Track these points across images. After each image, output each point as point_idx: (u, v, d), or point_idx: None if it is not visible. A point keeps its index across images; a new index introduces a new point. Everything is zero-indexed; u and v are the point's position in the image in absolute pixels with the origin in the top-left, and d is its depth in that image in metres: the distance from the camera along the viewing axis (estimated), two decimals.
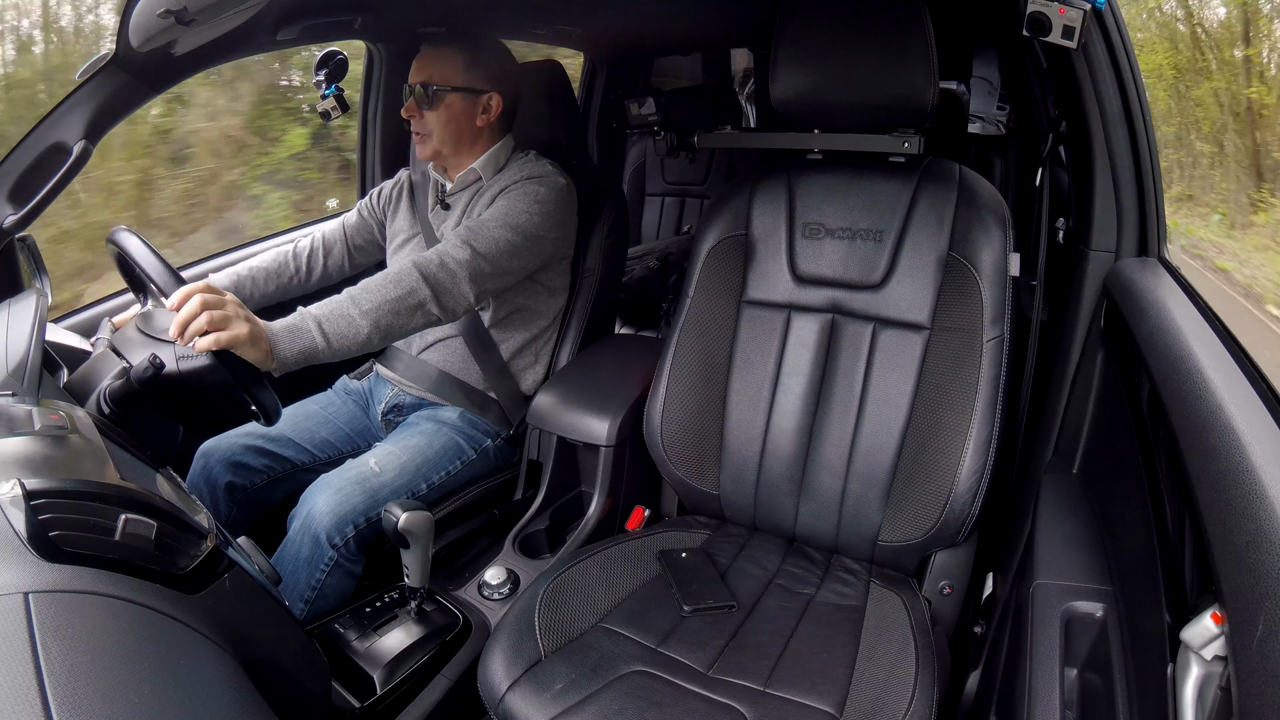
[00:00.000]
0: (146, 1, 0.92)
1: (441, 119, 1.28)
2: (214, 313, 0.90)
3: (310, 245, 1.41)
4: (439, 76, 1.27)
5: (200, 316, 0.89)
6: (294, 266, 1.39)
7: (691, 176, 2.77)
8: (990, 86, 2.31)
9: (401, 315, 1.07)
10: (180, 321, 0.89)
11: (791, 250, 1.20)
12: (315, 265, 1.41)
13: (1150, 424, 0.81)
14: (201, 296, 0.90)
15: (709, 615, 1.02)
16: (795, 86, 1.13)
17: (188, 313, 0.89)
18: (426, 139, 1.30)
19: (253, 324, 0.94)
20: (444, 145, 1.31)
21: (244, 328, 0.92)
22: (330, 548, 1.10)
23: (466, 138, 1.31)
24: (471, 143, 1.33)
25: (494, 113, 1.31)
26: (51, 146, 1.05)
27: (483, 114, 1.30)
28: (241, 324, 0.92)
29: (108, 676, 0.46)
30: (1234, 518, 0.52)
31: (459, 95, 1.28)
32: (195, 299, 0.90)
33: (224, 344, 0.90)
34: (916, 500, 1.09)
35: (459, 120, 1.29)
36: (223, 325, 0.90)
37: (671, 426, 1.22)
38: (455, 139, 1.31)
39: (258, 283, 1.35)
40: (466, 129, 1.30)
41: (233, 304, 0.93)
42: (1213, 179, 3.48)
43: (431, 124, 1.29)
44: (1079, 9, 0.89)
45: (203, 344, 0.89)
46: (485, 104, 1.30)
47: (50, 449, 0.66)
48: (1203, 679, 0.56)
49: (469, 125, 1.30)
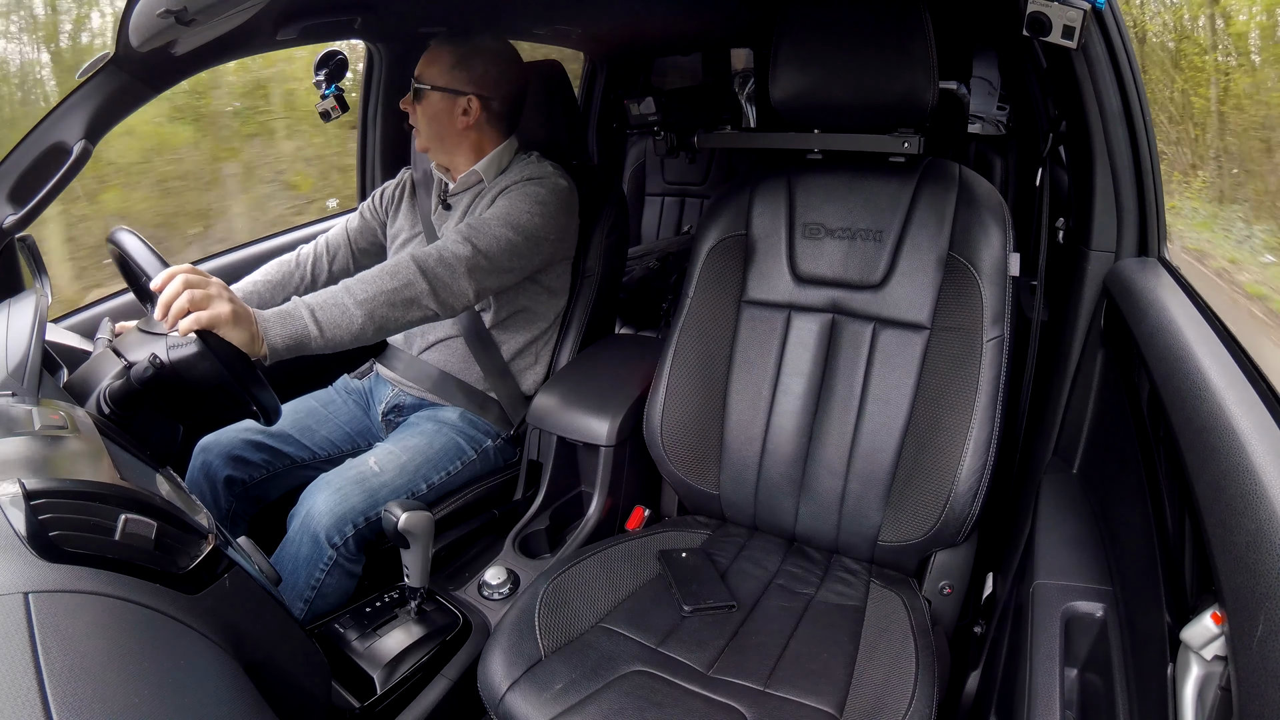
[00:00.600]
0: (146, 1, 0.92)
1: (426, 115, 1.30)
2: (195, 292, 0.89)
3: (314, 251, 1.41)
4: (426, 74, 1.29)
5: (182, 296, 0.88)
6: (299, 275, 1.39)
7: (691, 176, 2.77)
8: (990, 86, 2.31)
9: (397, 308, 1.07)
10: (163, 302, 0.89)
11: (791, 250, 1.20)
12: (320, 271, 1.41)
13: (1150, 424, 0.81)
14: (184, 277, 0.90)
15: (709, 615, 1.02)
16: (795, 86, 1.13)
17: (170, 293, 0.89)
18: (418, 133, 1.34)
19: (235, 304, 0.93)
20: (430, 141, 1.33)
21: (226, 307, 0.91)
22: (330, 547, 1.10)
23: (450, 137, 1.32)
24: (456, 142, 1.33)
25: (474, 115, 1.30)
26: (51, 146, 1.05)
27: (462, 115, 1.30)
28: (223, 304, 0.91)
29: (108, 676, 0.46)
30: (1234, 517, 0.52)
31: (439, 94, 1.28)
32: (178, 279, 0.89)
33: (205, 323, 0.89)
34: (916, 500, 1.09)
35: (440, 119, 1.30)
36: (204, 304, 0.89)
37: (671, 426, 1.22)
38: (439, 136, 1.32)
39: (264, 297, 1.35)
40: (448, 128, 1.31)
41: (216, 285, 0.93)
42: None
43: (418, 119, 1.32)
44: (1079, 9, 0.89)
45: (184, 324, 0.88)
46: (465, 106, 1.29)
47: (50, 449, 0.66)
48: (1203, 679, 0.56)
49: (449, 125, 1.31)
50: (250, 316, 0.95)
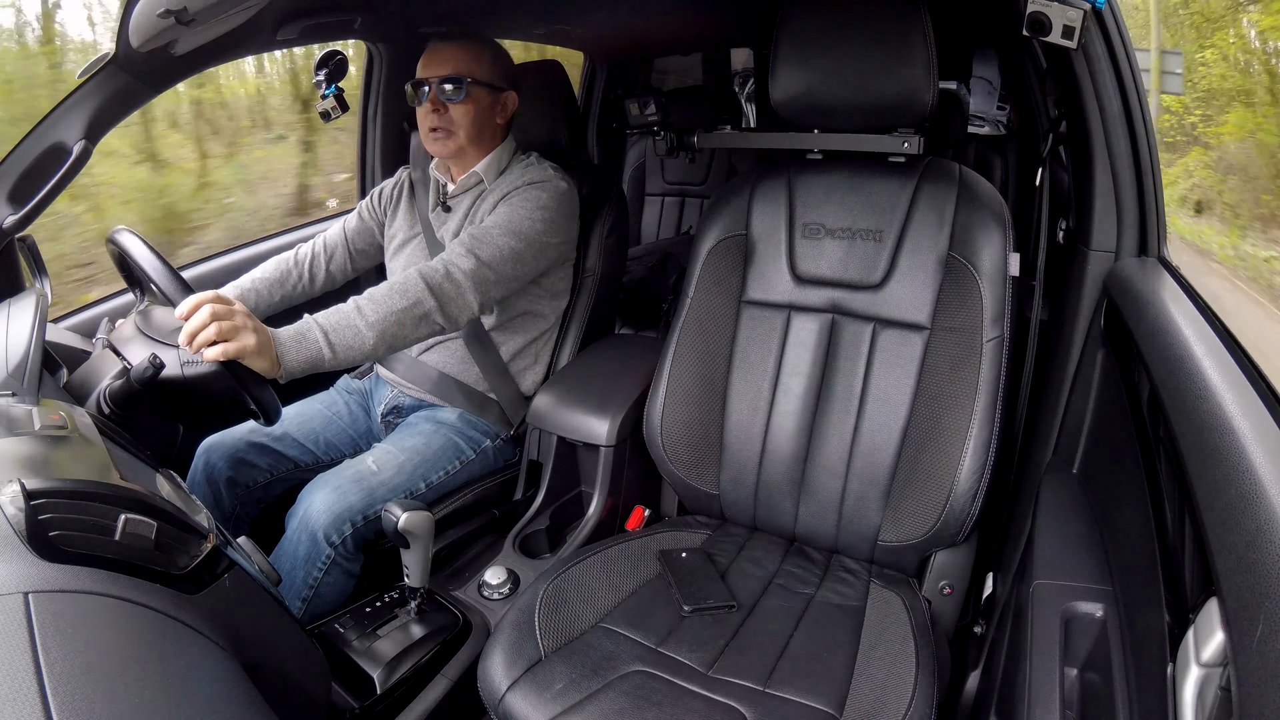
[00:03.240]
0: (146, 1, 0.92)
1: (469, 113, 1.26)
2: (223, 324, 0.90)
3: (312, 251, 1.41)
4: (467, 69, 1.24)
5: (209, 328, 0.89)
6: (297, 274, 1.39)
7: (691, 176, 2.77)
8: (990, 86, 2.31)
9: (407, 325, 1.08)
10: (189, 331, 0.90)
11: (791, 250, 1.20)
12: (318, 271, 1.41)
13: (1150, 424, 0.81)
14: (211, 307, 0.90)
15: (709, 615, 1.02)
16: (795, 86, 1.13)
17: (196, 323, 0.90)
18: (451, 135, 1.27)
19: (260, 334, 0.94)
20: (468, 140, 1.28)
21: (252, 339, 0.92)
22: (328, 546, 1.10)
23: (488, 135, 1.31)
24: (491, 141, 1.32)
25: (509, 111, 1.31)
26: (51, 146, 1.05)
27: (501, 111, 1.31)
28: (249, 335, 0.92)
29: (108, 676, 0.46)
30: (1234, 517, 0.52)
31: (485, 90, 1.27)
32: (205, 309, 0.90)
33: (232, 355, 0.90)
34: (916, 500, 1.09)
35: (484, 115, 1.28)
36: (231, 336, 0.90)
37: (672, 426, 1.22)
38: (478, 136, 1.29)
39: (261, 294, 1.35)
40: (488, 125, 1.30)
41: (241, 314, 0.93)
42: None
43: (458, 118, 1.26)
44: (1079, 9, 0.89)
45: (211, 354, 0.90)
46: (504, 101, 1.30)
47: (50, 449, 0.66)
48: (1203, 679, 0.56)
49: (490, 121, 1.30)
50: (271, 344, 0.96)
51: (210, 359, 0.90)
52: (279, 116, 3.49)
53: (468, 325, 1.32)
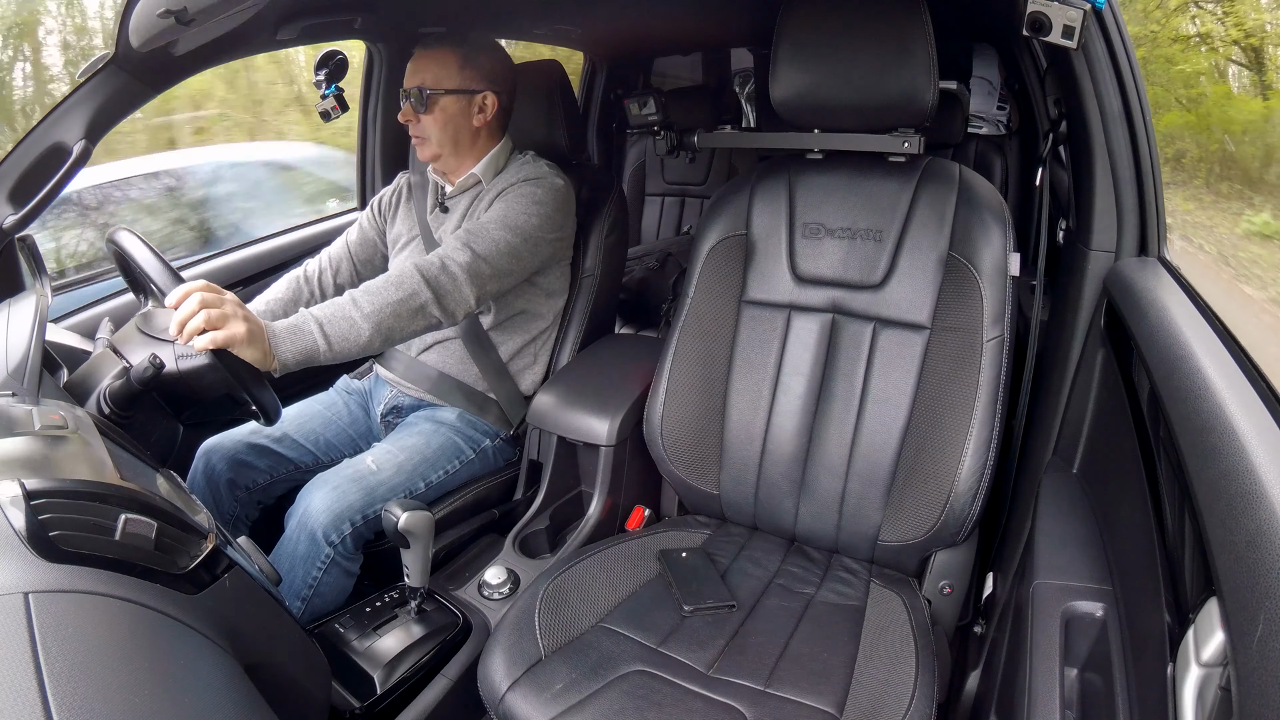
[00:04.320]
0: (146, 1, 0.92)
1: (438, 122, 1.28)
2: (212, 311, 0.90)
3: (319, 266, 1.41)
4: (432, 79, 1.26)
5: (198, 315, 0.89)
6: (308, 291, 1.39)
7: (691, 176, 2.77)
8: (990, 86, 2.31)
9: (403, 318, 1.08)
10: (179, 320, 0.90)
11: (792, 250, 1.20)
12: (327, 285, 1.41)
13: (1150, 423, 0.81)
14: (200, 295, 0.90)
15: (709, 615, 1.02)
16: (795, 86, 1.13)
17: (185, 311, 0.90)
18: (426, 143, 1.30)
19: (251, 323, 0.94)
20: (443, 148, 1.30)
21: (241, 327, 0.92)
22: (327, 545, 1.10)
23: (465, 139, 1.31)
24: (471, 144, 1.32)
25: (490, 112, 1.30)
26: (51, 146, 1.05)
27: (479, 114, 1.30)
28: (239, 323, 0.92)
29: (108, 676, 0.46)
30: (1234, 517, 0.52)
31: (454, 97, 1.27)
32: (194, 298, 0.90)
33: (221, 343, 0.90)
34: (916, 500, 1.09)
35: (455, 122, 1.29)
36: (220, 324, 0.90)
37: (672, 426, 1.22)
38: (454, 141, 1.30)
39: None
40: (464, 130, 1.30)
41: (231, 303, 0.93)
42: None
43: (429, 128, 1.28)
44: (1079, 9, 0.89)
45: (200, 343, 0.89)
46: (480, 103, 1.30)
47: (50, 449, 0.66)
48: (1203, 679, 0.56)
49: (466, 126, 1.30)
50: (263, 333, 0.96)
51: (200, 348, 0.89)
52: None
53: (465, 323, 1.32)
